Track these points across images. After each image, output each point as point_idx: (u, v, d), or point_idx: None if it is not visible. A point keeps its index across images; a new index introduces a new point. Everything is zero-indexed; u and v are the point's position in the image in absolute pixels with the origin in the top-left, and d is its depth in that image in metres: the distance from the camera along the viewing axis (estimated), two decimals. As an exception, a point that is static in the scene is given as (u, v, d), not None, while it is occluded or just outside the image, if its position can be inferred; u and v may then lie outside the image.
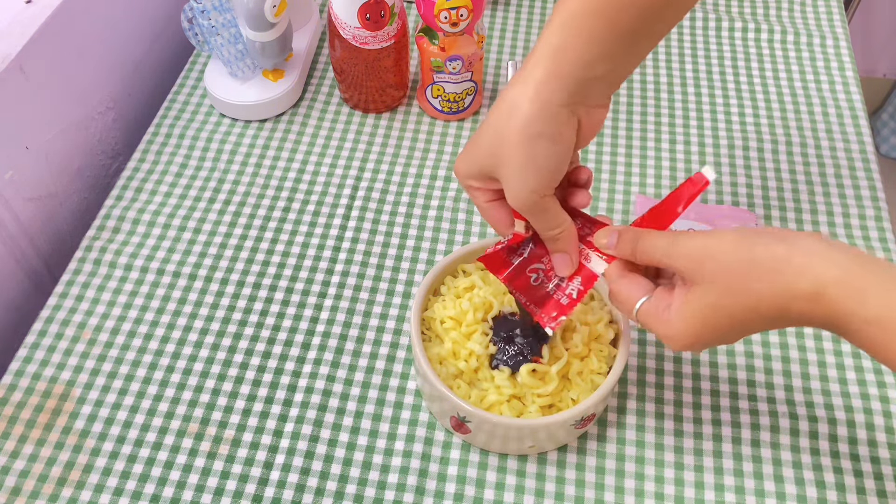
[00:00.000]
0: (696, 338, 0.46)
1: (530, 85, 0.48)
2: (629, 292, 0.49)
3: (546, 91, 0.47)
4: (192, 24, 0.75)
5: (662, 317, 0.47)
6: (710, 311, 0.45)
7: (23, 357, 0.63)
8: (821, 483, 0.57)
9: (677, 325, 0.46)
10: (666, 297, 0.47)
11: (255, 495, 0.56)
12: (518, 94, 0.48)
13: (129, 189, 0.74)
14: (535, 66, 0.48)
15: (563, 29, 0.48)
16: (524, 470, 0.58)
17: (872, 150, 0.77)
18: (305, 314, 0.66)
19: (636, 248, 0.48)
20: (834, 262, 0.42)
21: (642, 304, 0.48)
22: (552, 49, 0.48)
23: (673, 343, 0.47)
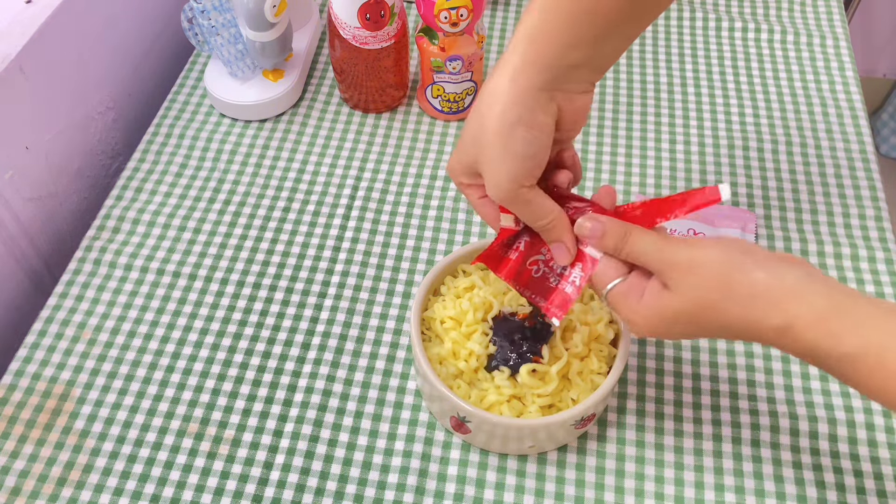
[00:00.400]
0: (658, 334, 0.47)
1: (507, 71, 0.47)
2: (604, 270, 0.49)
3: (523, 77, 0.47)
4: (192, 24, 0.75)
5: (632, 304, 0.47)
6: (681, 318, 0.46)
7: (23, 357, 0.63)
8: (821, 483, 0.57)
9: (645, 317, 0.46)
10: (639, 284, 0.47)
11: (255, 495, 0.56)
12: (496, 82, 0.47)
13: (129, 189, 0.74)
14: (513, 51, 0.47)
15: (542, 13, 0.47)
16: (524, 470, 0.58)
17: (872, 150, 0.77)
18: (305, 314, 0.66)
19: (623, 248, 0.48)
20: (808, 303, 0.43)
21: (615, 286, 0.48)
22: (529, 33, 0.47)
23: (634, 328, 0.48)
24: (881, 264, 0.68)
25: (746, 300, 0.43)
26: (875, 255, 0.69)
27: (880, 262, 0.69)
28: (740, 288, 0.44)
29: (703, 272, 0.45)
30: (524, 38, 0.47)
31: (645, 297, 0.47)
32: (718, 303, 0.44)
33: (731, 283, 0.44)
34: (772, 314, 0.43)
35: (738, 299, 0.44)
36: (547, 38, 0.47)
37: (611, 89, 0.82)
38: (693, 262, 0.45)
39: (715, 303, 0.44)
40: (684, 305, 0.45)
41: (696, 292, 0.45)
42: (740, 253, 0.45)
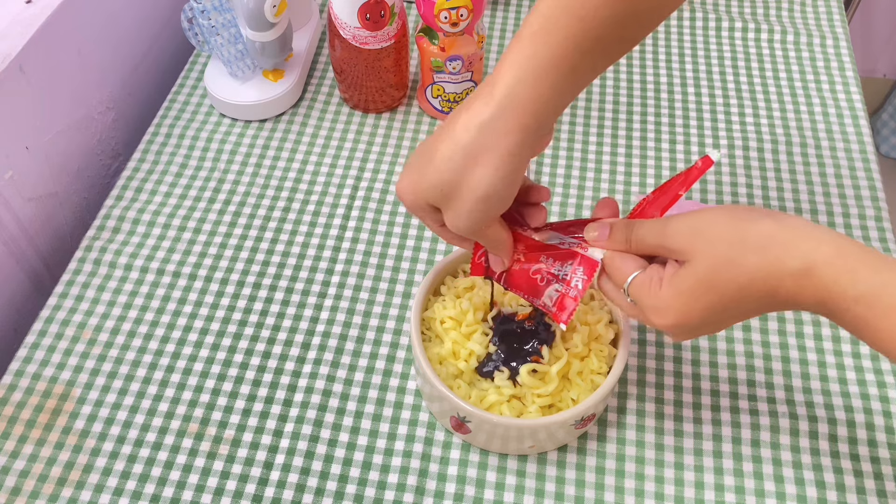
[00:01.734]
0: (685, 314, 0.45)
1: (493, 134, 0.45)
2: (623, 266, 0.48)
3: (514, 146, 0.45)
4: (192, 24, 0.75)
5: (653, 289, 0.46)
6: (701, 287, 0.44)
7: (23, 357, 0.63)
8: (821, 483, 0.57)
9: (667, 298, 0.45)
10: (658, 271, 0.47)
11: (255, 495, 0.56)
12: (480, 141, 0.45)
13: (129, 189, 0.74)
14: (501, 110, 0.44)
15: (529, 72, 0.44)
16: (524, 470, 0.58)
17: (872, 150, 0.77)
18: (305, 314, 0.66)
19: (630, 237, 0.48)
20: (823, 241, 0.42)
21: (635, 277, 0.47)
22: (517, 89, 0.44)
23: (661, 317, 0.46)
24: (881, 264, 0.68)
25: (761, 248, 0.42)
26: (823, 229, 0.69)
27: (880, 262, 0.69)
28: (752, 237, 0.43)
29: (710, 232, 0.44)
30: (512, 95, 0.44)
31: (664, 279, 0.46)
32: (734, 258, 0.43)
33: (741, 234, 0.43)
34: (790, 257, 0.42)
35: (753, 248, 0.43)
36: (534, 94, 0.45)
37: (611, 89, 0.82)
38: (697, 226, 0.45)
39: (730, 259, 0.43)
40: (700, 271, 0.44)
41: (709, 252, 0.44)
42: (743, 210, 0.45)
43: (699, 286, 0.44)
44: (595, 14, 0.44)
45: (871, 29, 1.62)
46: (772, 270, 0.42)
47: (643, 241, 0.47)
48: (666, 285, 0.46)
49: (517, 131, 0.45)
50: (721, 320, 0.46)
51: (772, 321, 0.65)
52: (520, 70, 0.44)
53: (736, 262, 0.43)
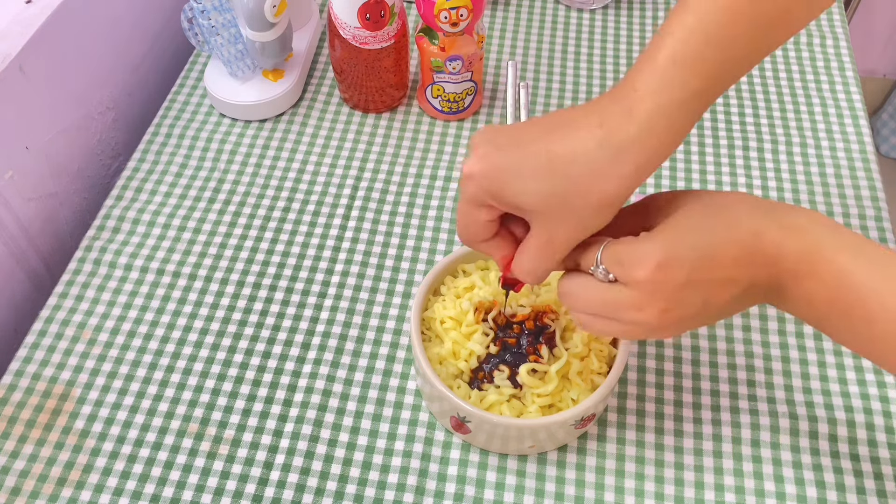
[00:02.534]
0: (673, 252, 0.42)
1: (627, 155, 0.43)
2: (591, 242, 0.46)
3: (641, 168, 0.43)
4: (192, 24, 0.75)
5: (633, 240, 0.44)
6: (685, 229, 0.43)
7: (23, 357, 0.63)
8: (821, 483, 0.57)
9: (651, 239, 0.43)
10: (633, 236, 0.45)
11: (255, 495, 0.56)
12: (612, 158, 0.43)
13: (129, 189, 0.74)
14: (641, 135, 0.43)
15: (674, 103, 0.43)
16: (524, 470, 0.58)
17: (872, 150, 0.77)
18: (305, 314, 0.66)
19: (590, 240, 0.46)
20: (802, 209, 0.44)
21: (609, 241, 0.45)
22: (658, 119, 0.43)
23: (646, 261, 0.42)
24: (881, 264, 0.68)
25: (748, 203, 0.43)
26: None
27: (880, 262, 0.69)
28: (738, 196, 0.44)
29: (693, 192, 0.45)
30: (654, 114, 0.43)
31: (643, 236, 0.44)
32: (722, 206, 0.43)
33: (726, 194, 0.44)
34: (777, 212, 0.42)
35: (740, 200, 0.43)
36: (672, 120, 0.43)
37: (611, 89, 0.82)
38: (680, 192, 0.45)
39: (717, 204, 0.43)
40: (684, 217, 0.43)
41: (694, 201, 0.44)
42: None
43: (683, 227, 0.43)
44: (735, 48, 0.43)
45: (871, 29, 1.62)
46: (761, 219, 0.43)
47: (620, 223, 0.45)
48: (648, 234, 0.44)
49: (651, 157, 0.44)
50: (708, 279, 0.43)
51: (772, 321, 0.65)
52: (663, 98, 0.43)
53: (726, 208, 0.43)
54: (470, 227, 0.48)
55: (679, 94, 0.43)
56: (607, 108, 0.44)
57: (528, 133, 0.46)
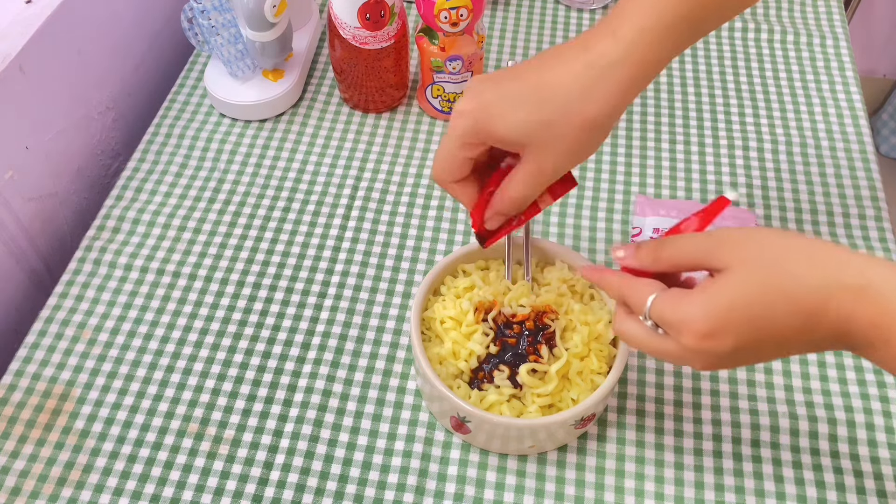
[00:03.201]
0: (721, 328, 0.40)
1: (615, 74, 0.44)
2: (642, 286, 0.44)
3: (629, 88, 0.44)
4: (192, 24, 0.75)
5: (681, 301, 0.41)
6: (742, 296, 0.40)
7: (23, 357, 0.63)
8: (821, 483, 0.57)
9: (700, 307, 0.40)
10: (683, 291, 0.43)
11: (255, 495, 0.56)
12: (600, 78, 0.44)
13: (129, 189, 0.74)
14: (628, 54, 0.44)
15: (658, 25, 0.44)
16: (524, 470, 0.58)
17: (872, 150, 0.77)
18: (305, 314, 0.66)
19: (660, 254, 0.45)
20: (875, 260, 0.39)
21: (657, 296, 0.43)
22: (643, 36, 0.44)
23: (690, 332, 0.41)
24: (881, 264, 0.68)
25: (814, 259, 0.39)
26: (875, 256, 0.69)
27: (880, 262, 0.69)
28: (806, 250, 0.39)
29: (756, 240, 0.41)
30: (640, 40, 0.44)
31: (695, 292, 0.41)
32: (784, 266, 0.39)
33: (792, 243, 0.40)
34: (846, 271, 0.38)
35: (806, 259, 0.39)
36: (657, 41, 0.44)
37: (611, 89, 0.82)
38: (741, 236, 0.41)
39: (779, 267, 0.39)
40: (743, 279, 0.40)
41: (755, 259, 0.40)
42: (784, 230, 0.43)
43: (740, 295, 0.40)
44: None
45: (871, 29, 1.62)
46: (825, 282, 0.39)
47: (677, 254, 0.44)
48: (698, 294, 0.41)
49: (635, 76, 0.44)
50: (759, 343, 0.41)
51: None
52: (647, 19, 0.44)
53: (786, 270, 0.39)
54: (448, 163, 0.49)
55: (665, 18, 0.44)
56: (594, 33, 0.45)
57: (520, 68, 0.47)
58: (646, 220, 0.70)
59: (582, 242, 0.70)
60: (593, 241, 0.70)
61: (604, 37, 0.45)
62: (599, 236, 0.71)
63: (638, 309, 0.45)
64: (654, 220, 0.70)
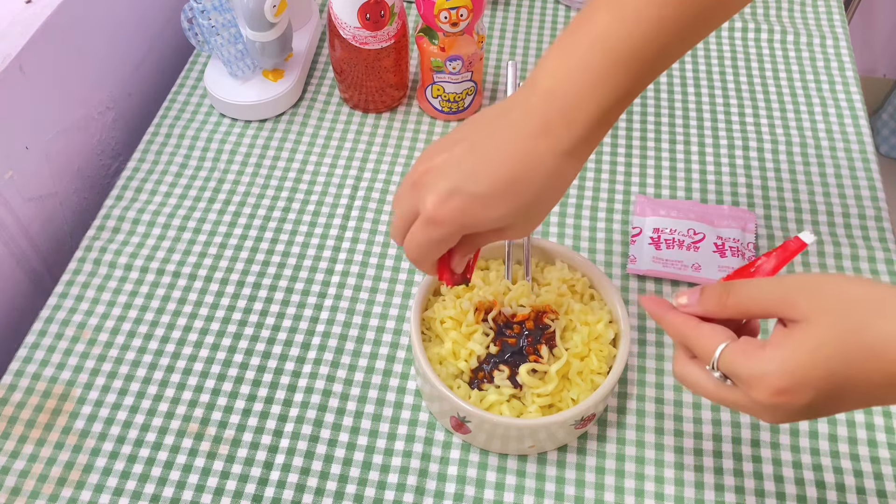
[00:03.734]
0: (799, 382, 0.38)
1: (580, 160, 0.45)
2: (711, 334, 0.42)
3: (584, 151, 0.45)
4: (192, 24, 0.75)
5: (754, 354, 0.39)
6: (822, 350, 0.37)
7: (23, 357, 0.63)
8: (821, 483, 0.57)
9: (776, 361, 0.38)
10: (754, 341, 0.41)
11: (255, 495, 0.56)
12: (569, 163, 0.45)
13: (129, 189, 0.74)
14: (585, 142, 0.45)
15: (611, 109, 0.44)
16: (524, 470, 0.58)
17: (872, 150, 0.77)
18: (305, 314, 0.66)
19: (727, 300, 0.42)
20: None
21: (727, 346, 0.41)
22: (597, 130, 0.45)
23: (765, 386, 0.39)
24: (881, 264, 0.68)
25: (890, 307, 0.37)
26: (875, 255, 0.69)
27: (880, 262, 0.69)
28: (881, 297, 0.37)
29: (835, 290, 0.38)
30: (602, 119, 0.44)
31: (770, 344, 0.39)
32: (863, 316, 0.37)
33: (882, 296, 0.37)
34: None
35: (884, 308, 0.37)
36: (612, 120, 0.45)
37: (611, 89, 0.82)
38: (818, 283, 0.39)
39: (862, 320, 0.37)
40: (822, 334, 0.37)
41: (836, 310, 0.38)
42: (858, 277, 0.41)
43: (819, 351, 0.37)
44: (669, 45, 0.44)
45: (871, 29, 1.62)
46: None
47: (747, 300, 0.42)
48: (773, 348, 0.39)
49: (592, 149, 0.46)
50: (838, 397, 0.38)
51: (772, 321, 0.65)
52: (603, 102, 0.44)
53: (865, 321, 0.37)
54: (429, 256, 0.49)
55: (615, 96, 0.44)
56: (546, 116, 0.44)
57: (475, 153, 0.46)
58: (646, 220, 0.70)
59: (582, 242, 0.70)
60: (593, 241, 0.70)
61: (560, 125, 0.44)
62: (599, 236, 0.71)
63: (704, 357, 0.43)
64: (654, 220, 0.70)
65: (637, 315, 0.66)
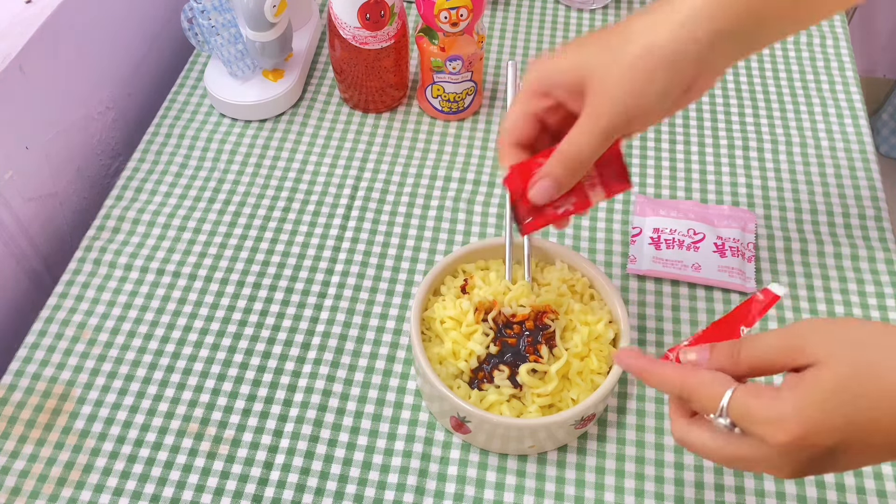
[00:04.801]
0: (814, 427, 0.36)
1: (684, 9, 0.43)
2: (713, 382, 0.40)
3: (705, 20, 0.43)
4: (192, 24, 0.75)
5: (766, 399, 0.38)
6: (837, 395, 0.36)
7: (23, 357, 0.63)
8: (821, 483, 0.57)
9: (789, 405, 0.37)
10: (763, 386, 0.39)
11: (255, 495, 0.56)
12: (666, 12, 0.44)
13: (129, 189, 0.74)
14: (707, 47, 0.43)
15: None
16: (524, 470, 0.58)
17: (872, 150, 0.77)
18: (305, 314, 0.66)
19: (738, 354, 0.41)
20: None
21: (735, 391, 0.39)
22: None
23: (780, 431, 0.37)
24: (881, 264, 0.68)
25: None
26: (875, 255, 0.69)
27: (880, 262, 0.69)
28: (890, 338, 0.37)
29: (849, 333, 0.38)
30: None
31: (783, 389, 0.38)
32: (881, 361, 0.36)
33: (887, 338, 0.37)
34: None
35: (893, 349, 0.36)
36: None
37: (611, 89, 0.82)
38: (831, 328, 0.38)
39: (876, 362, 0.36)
40: (838, 375, 0.36)
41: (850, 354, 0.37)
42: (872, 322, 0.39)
43: (835, 393, 0.36)
44: None
45: (871, 29, 1.62)
46: None
47: (760, 352, 0.40)
48: (787, 392, 0.37)
49: (715, 19, 0.44)
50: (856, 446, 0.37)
51: (772, 321, 0.65)
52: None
53: (884, 366, 0.36)
54: (515, 116, 0.48)
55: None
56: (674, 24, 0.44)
57: (615, 46, 0.46)
58: (646, 220, 0.70)
59: (582, 242, 0.70)
60: (593, 241, 0.70)
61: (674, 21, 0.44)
62: (599, 236, 0.71)
63: (709, 404, 0.40)
64: (654, 220, 0.70)
65: (637, 315, 0.66)
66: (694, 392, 0.41)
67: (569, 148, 0.47)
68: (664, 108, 0.46)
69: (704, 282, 0.67)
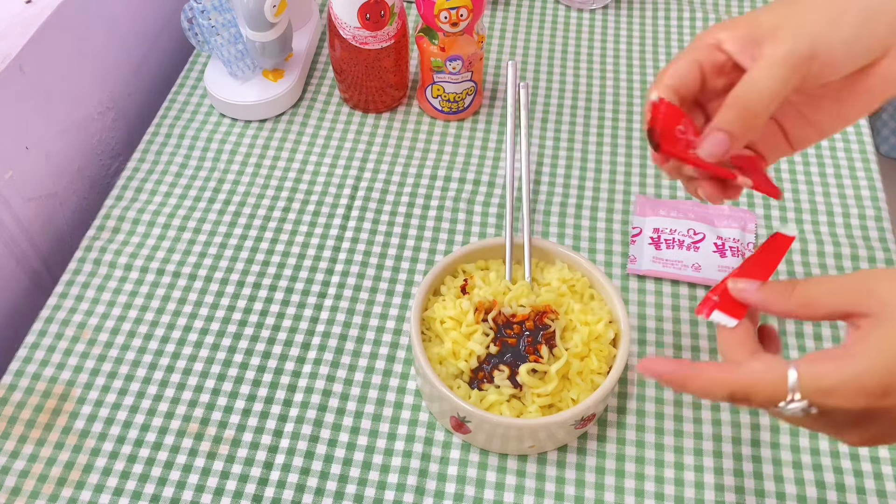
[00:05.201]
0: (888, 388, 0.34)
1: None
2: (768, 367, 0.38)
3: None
4: (192, 24, 0.75)
5: (837, 356, 0.35)
6: None
7: (23, 357, 0.63)
8: (821, 483, 0.57)
9: (865, 360, 0.35)
10: (828, 351, 0.37)
11: (255, 495, 0.56)
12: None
13: (129, 189, 0.74)
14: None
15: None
16: (524, 470, 0.58)
17: (872, 150, 0.77)
18: (305, 314, 0.66)
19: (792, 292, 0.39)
20: None
21: (799, 365, 0.36)
22: None
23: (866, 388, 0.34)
24: (881, 264, 0.68)
25: None
26: (875, 255, 0.69)
27: (880, 262, 0.69)
28: None
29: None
30: None
31: (850, 347, 0.36)
32: None
33: None
34: None
35: None
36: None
37: (611, 89, 0.82)
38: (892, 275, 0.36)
39: None
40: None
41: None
42: None
43: None
44: None
45: (871, 29, 1.61)
46: None
47: (815, 291, 0.38)
48: (858, 345, 0.35)
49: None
50: None
51: (771, 320, 0.65)
52: None
53: None
54: (684, 66, 0.44)
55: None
56: None
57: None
58: (646, 220, 0.70)
59: (582, 242, 0.70)
60: (593, 241, 0.70)
61: None
62: (599, 236, 0.71)
63: (776, 393, 0.37)
64: (654, 220, 0.70)
65: (637, 315, 0.66)
66: (751, 386, 0.38)
67: (745, 91, 0.41)
68: (850, 58, 0.41)
69: (704, 282, 0.67)
